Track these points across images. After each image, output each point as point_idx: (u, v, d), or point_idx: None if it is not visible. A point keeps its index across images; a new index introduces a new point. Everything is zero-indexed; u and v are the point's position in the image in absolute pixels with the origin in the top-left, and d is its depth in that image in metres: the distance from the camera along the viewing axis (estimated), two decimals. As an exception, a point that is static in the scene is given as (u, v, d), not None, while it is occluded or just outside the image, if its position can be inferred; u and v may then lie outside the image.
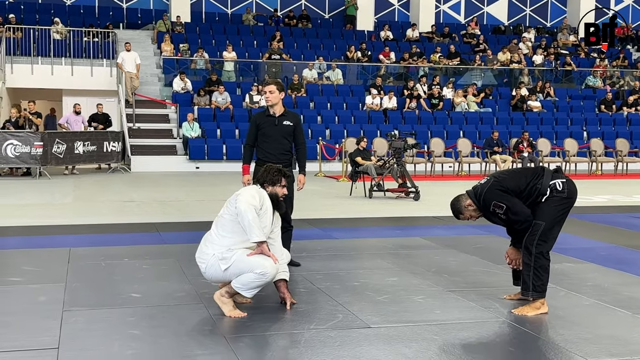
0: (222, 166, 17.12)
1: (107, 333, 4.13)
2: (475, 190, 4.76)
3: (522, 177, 4.72)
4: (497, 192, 4.63)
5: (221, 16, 24.17)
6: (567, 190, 4.63)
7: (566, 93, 22.50)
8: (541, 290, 4.64)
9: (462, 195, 4.84)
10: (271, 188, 4.70)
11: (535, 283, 4.62)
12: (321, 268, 6.01)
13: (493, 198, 4.64)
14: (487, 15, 26.82)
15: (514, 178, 4.73)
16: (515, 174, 4.86)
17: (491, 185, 4.67)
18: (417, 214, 9.86)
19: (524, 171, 4.90)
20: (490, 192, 4.66)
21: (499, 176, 4.79)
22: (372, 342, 4.03)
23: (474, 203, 4.76)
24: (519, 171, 4.95)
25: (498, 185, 4.66)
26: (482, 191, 4.70)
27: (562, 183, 4.63)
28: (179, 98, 19.03)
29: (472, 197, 4.76)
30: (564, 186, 4.63)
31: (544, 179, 4.65)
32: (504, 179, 4.72)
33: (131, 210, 9.94)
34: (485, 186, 4.70)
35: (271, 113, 6.03)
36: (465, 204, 4.79)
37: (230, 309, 4.54)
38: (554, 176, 4.67)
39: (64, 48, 19.84)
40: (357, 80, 21.89)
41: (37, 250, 6.74)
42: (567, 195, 4.63)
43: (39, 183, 13.65)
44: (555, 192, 4.62)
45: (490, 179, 4.75)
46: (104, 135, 16.26)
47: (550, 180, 4.64)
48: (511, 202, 4.61)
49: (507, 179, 4.72)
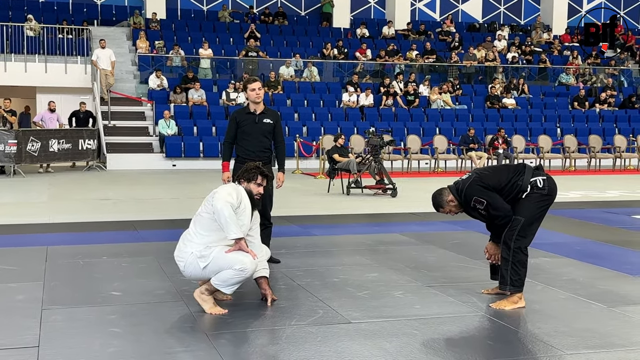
0: (199, 164, 17.06)
1: (87, 331, 4.12)
2: (457, 186, 4.81)
3: (504, 173, 4.79)
4: (478, 188, 4.69)
5: (197, 13, 24.04)
6: (548, 187, 4.70)
7: (540, 90, 22.75)
8: (519, 285, 4.71)
9: (444, 189, 4.88)
10: (246, 184, 4.71)
11: (513, 277, 4.69)
12: (301, 265, 6.04)
13: (474, 194, 4.69)
14: (462, 12, 27.00)
15: (495, 174, 4.80)
16: (497, 170, 4.94)
17: (472, 181, 4.72)
18: (395, 211, 9.93)
19: (505, 168, 4.96)
20: (471, 188, 4.71)
21: (480, 172, 4.84)
22: (353, 337, 4.07)
23: (455, 199, 4.81)
24: (500, 168, 5.02)
25: (479, 181, 4.71)
26: (463, 187, 4.75)
27: (542, 180, 4.70)
28: (155, 95, 18.90)
29: (454, 193, 4.81)
30: (545, 183, 4.70)
31: (525, 176, 4.71)
32: (485, 176, 4.77)
33: (108, 208, 9.87)
34: (466, 182, 4.75)
35: (251, 110, 6.03)
36: (447, 199, 4.84)
37: (210, 306, 4.54)
38: (534, 173, 4.74)
39: (38, 45, 19.60)
40: (334, 78, 21.92)
41: (14, 249, 6.68)
42: (548, 192, 4.71)
43: (14, 181, 13.49)
44: (536, 189, 4.68)
45: (472, 175, 4.80)
46: (79, 133, 16.11)
47: (531, 177, 4.71)
48: (492, 198, 4.67)
49: (488, 175, 4.77)
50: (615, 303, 4.89)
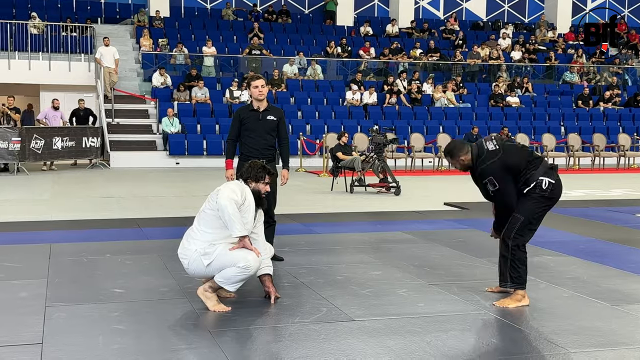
0: (202, 162, 17.07)
1: (91, 328, 4.12)
2: (480, 151, 4.68)
3: (524, 159, 4.67)
4: (499, 170, 4.59)
5: (200, 11, 24.04)
6: (551, 191, 4.65)
7: (544, 89, 22.71)
8: (519, 282, 4.70)
9: (465, 145, 4.77)
10: (254, 184, 4.70)
11: (513, 275, 4.70)
12: (304, 262, 6.03)
13: (492, 174, 4.60)
14: (466, 11, 26.96)
15: (518, 155, 4.68)
16: (521, 152, 4.76)
17: (497, 160, 4.59)
18: (399, 209, 9.91)
19: (527, 153, 4.78)
20: (493, 166, 4.60)
21: (507, 150, 4.67)
22: (357, 335, 4.06)
23: (469, 161, 4.72)
24: (524, 151, 4.81)
25: (503, 162, 4.59)
26: (485, 159, 4.62)
27: (548, 182, 4.63)
28: (159, 93, 18.91)
29: (473, 156, 4.70)
30: (549, 187, 4.64)
31: (537, 172, 4.64)
32: (510, 154, 4.64)
33: (111, 206, 9.88)
34: (491, 157, 4.61)
35: (255, 108, 6.02)
36: (462, 155, 4.73)
37: (214, 304, 4.54)
38: (546, 172, 4.66)
39: (42, 43, 19.62)
40: (337, 76, 21.91)
41: (18, 246, 6.69)
42: (549, 195, 4.66)
43: (17, 179, 13.51)
44: (539, 189, 4.64)
45: (499, 152, 4.62)
46: (82, 130, 16.13)
47: (541, 175, 4.64)
48: (506, 187, 4.61)
49: (512, 155, 4.65)
50: (619, 301, 4.87)
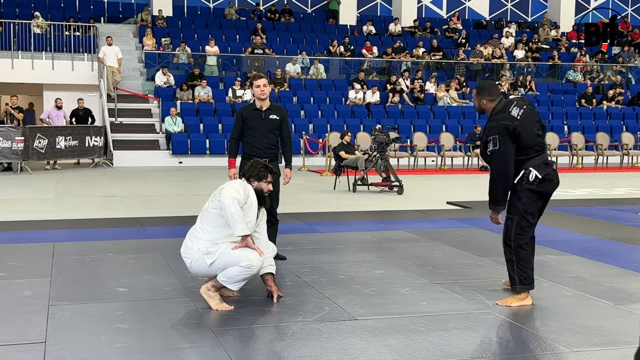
0: (205, 161, 17.08)
1: (94, 327, 4.13)
2: (501, 109, 4.61)
3: (532, 140, 4.58)
4: (505, 133, 4.49)
5: (203, 10, 24.05)
6: (538, 185, 4.59)
7: (547, 87, 22.68)
8: (527, 282, 4.69)
9: (496, 93, 4.68)
10: (257, 183, 4.71)
11: (522, 276, 4.67)
12: (307, 261, 6.04)
13: (498, 134, 4.52)
14: (469, 10, 26.93)
15: (529, 135, 4.56)
16: (534, 134, 4.63)
17: (510, 124, 4.49)
18: (401, 208, 9.91)
19: (537, 139, 4.66)
20: (500, 128, 4.50)
21: (523, 123, 4.53)
22: (359, 334, 4.07)
23: (490, 108, 4.68)
24: (537, 135, 4.69)
25: (513, 129, 4.49)
26: (498, 118, 4.56)
27: (535, 176, 4.56)
28: (162, 92, 18.93)
29: (495, 108, 4.65)
30: (536, 180, 4.57)
31: (531, 161, 4.58)
32: (523, 128, 4.51)
33: (115, 205, 9.90)
34: (505, 119, 4.51)
35: (258, 107, 6.03)
36: (486, 99, 4.68)
37: (216, 303, 4.55)
38: (539, 166, 4.59)
39: (45, 42, 19.65)
40: (340, 75, 21.90)
41: (21, 245, 6.71)
42: (537, 189, 4.60)
43: (21, 178, 13.54)
44: (525, 181, 4.58)
45: (515, 120, 4.51)
46: (86, 130, 16.15)
47: (532, 166, 4.57)
48: (505, 151, 4.50)
49: (525, 130, 4.53)
50: (622, 300, 4.87)
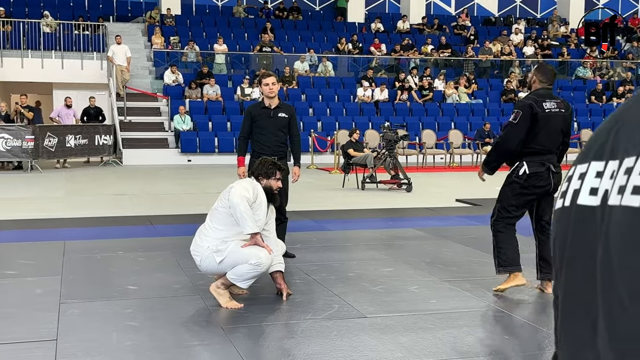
0: (214, 159, 17.10)
1: (104, 324, 4.15)
2: (539, 93, 4.74)
3: (543, 140, 4.69)
4: (528, 116, 4.62)
5: (212, 8, 24.09)
6: (525, 180, 4.68)
7: (557, 84, 22.57)
8: (506, 264, 4.76)
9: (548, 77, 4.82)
10: (266, 181, 4.72)
11: (501, 259, 4.78)
12: (316, 259, 6.04)
13: (521, 109, 4.66)
14: (478, 6, 26.85)
15: (548, 132, 4.69)
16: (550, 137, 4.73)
17: (536, 111, 4.63)
18: (410, 205, 9.90)
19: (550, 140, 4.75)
20: (525, 107, 4.66)
21: (549, 118, 4.68)
22: (369, 331, 4.07)
23: (532, 83, 4.83)
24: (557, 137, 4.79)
25: (535, 116, 4.63)
26: (530, 97, 4.72)
27: (524, 171, 4.66)
28: (170, 91, 18.97)
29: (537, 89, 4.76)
30: (524, 175, 4.67)
31: (529, 157, 4.69)
32: (546, 121, 4.66)
33: (124, 203, 9.93)
34: (536, 104, 4.66)
35: (266, 105, 6.03)
36: (537, 80, 4.80)
37: (226, 300, 4.56)
38: (533, 163, 4.68)
39: (54, 41, 19.72)
40: (348, 73, 21.88)
41: (32, 243, 6.74)
42: (525, 184, 4.70)
43: (31, 177, 13.60)
44: (515, 175, 4.72)
45: (545, 112, 4.65)
46: (95, 128, 16.21)
47: (527, 160, 4.68)
48: (516, 128, 4.64)
49: (548, 125, 4.67)
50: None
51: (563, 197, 0.83)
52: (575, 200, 0.80)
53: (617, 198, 0.72)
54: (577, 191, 0.80)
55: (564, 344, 0.82)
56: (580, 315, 0.77)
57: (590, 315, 0.75)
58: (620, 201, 0.72)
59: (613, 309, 0.71)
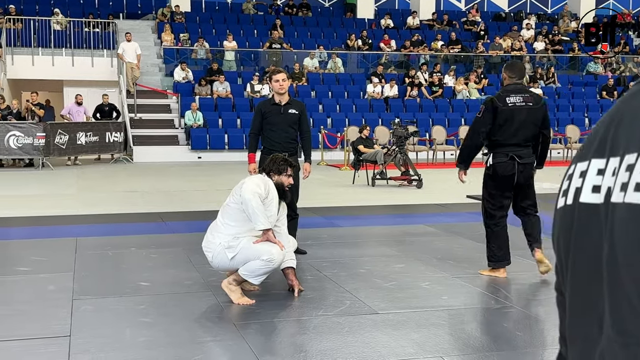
0: (224, 156, 17.13)
1: (117, 321, 4.17)
2: (508, 89, 5.01)
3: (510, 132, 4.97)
4: (490, 106, 4.95)
5: (221, 5, 24.10)
6: (493, 169, 5.00)
7: (567, 80, 22.48)
8: (495, 259, 5.12)
9: (517, 74, 5.10)
10: (277, 177, 4.73)
11: (489, 254, 5.17)
12: (327, 256, 6.04)
13: (484, 103, 5.01)
14: (488, 2, 26.74)
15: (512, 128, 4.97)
16: (518, 130, 5.00)
17: (500, 106, 4.93)
18: (421, 202, 9.89)
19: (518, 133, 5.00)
20: (488, 100, 5.01)
21: (516, 114, 4.94)
22: (380, 328, 4.07)
23: (505, 79, 5.12)
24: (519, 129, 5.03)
25: (499, 112, 4.92)
26: (500, 94, 5.00)
27: (488, 161, 5.02)
28: (180, 88, 19.01)
29: (508, 85, 5.03)
30: (490, 167, 5.02)
31: (498, 149, 4.98)
32: (512, 115, 4.94)
33: (135, 200, 9.96)
34: (501, 99, 4.94)
35: (277, 101, 6.04)
36: (505, 76, 5.14)
37: (238, 297, 4.57)
38: (499, 154, 4.98)
39: (65, 39, 19.80)
40: (358, 69, 21.85)
41: (44, 240, 6.78)
42: (492, 173, 5.02)
43: (42, 174, 13.67)
44: (486, 168, 5.11)
45: (511, 106, 4.92)
46: (106, 125, 16.27)
47: (495, 152, 4.99)
48: (479, 123, 4.99)
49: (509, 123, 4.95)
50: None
51: (565, 195, 0.82)
52: (578, 199, 0.80)
53: (620, 195, 0.72)
54: (579, 189, 0.80)
55: (573, 341, 0.81)
56: (588, 313, 0.78)
57: (597, 312, 0.75)
58: (623, 198, 0.72)
59: (621, 306, 0.71)
